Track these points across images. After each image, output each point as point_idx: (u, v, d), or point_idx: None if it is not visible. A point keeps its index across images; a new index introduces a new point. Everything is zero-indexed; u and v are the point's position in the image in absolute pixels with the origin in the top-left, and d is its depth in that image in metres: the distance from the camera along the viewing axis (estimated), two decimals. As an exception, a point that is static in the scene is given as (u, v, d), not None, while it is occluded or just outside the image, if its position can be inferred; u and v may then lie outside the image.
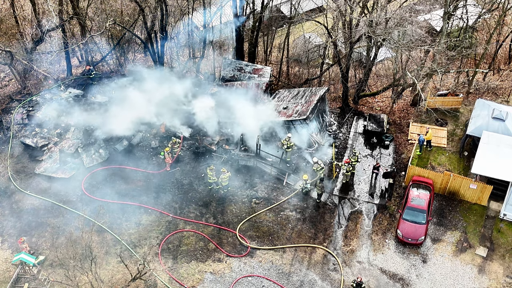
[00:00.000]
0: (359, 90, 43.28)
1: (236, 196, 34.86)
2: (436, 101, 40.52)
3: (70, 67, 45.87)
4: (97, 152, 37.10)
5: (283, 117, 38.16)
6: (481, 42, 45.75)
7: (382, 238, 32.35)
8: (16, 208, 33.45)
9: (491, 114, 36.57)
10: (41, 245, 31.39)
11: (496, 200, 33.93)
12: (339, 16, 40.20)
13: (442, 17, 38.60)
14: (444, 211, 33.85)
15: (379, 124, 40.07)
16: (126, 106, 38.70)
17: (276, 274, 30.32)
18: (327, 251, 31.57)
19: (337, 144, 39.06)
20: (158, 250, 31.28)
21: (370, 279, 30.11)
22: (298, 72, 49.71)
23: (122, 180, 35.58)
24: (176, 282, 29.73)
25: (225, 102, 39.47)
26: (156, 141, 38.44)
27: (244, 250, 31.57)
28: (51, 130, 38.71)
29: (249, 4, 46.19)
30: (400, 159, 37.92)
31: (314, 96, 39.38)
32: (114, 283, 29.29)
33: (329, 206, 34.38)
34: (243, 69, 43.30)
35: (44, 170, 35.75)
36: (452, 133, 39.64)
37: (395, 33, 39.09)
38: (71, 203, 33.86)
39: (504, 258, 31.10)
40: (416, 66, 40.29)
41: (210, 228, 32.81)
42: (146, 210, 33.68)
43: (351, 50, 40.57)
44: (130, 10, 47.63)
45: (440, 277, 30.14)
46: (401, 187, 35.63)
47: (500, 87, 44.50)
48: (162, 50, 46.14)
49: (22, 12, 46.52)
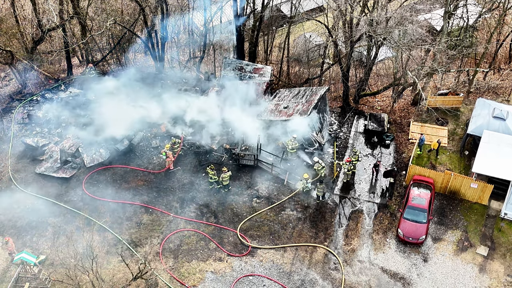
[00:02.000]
0: (360, 90, 43.29)
1: (237, 195, 34.86)
2: (437, 101, 40.53)
3: (70, 67, 45.88)
4: (98, 151, 37.10)
5: (284, 117, 38.15)
6: (481, 42, 45.77)
7: (383, 237, 32.35)
8: (16, 207, 33.43)
9: (491, 113, 36.58)
10: (42, 244, 31.37)
11: (497, 199, 33.93)
12: (339, 16, 40.20)
13: (443, 16, 38.62)
14: (445, 210, 33.85)
15: (380, 123, 40.07)
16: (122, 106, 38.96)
17: (277, 273, 30.32)
18: (328, 250, 31.56)
19: (338, 144, 39.05)
20: (159, 249, 31.27)
21: (371, 278, 30.10)
22: (298, 72, 49.74)
23: (123, 180, 35.58)
24: (177, 282, 29.73)
25: (225, 101, 39.49)
26: (157, 141, 38.45)
27: (245, 250, 31.57)
28: (52, 130, 38.73)
29: (250, 4, 46.20)
30: (400, 158, 37.92)
31: (314, 95, 39.38)
32: (115, 283, 29.27)
33: (330, 205, 34.37)
34: (243, 69, 43.30)
35: (44, 170, 35.75)
36: (453, 132, 39.64)
37: (396, 32, 39.09)
38: (71, 203, 33.86)
39: (505, 257, 31.10)
40: (416, 65, 40.29)
41: (211, 228, 32.80)
42: (147, 209, 33.69)
43: (351, 49, 40.56)
44: (131, 10, 47.66)
45: (441, 276, 30.13)
46: (402, 186, 35.62)
47: (501, 86, 44.53)
48: (162, 50, 46.18)
49: (23, 12, 46.53)
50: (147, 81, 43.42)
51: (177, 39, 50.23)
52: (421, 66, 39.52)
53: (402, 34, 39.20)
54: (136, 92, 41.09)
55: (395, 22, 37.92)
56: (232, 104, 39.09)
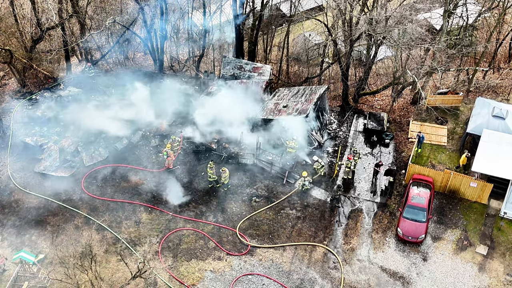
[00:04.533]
0: (359, 89, 43.25)
1: (236, 194, 34.81)
2: (436, 100, 40.51)
3: (69, 66, 45.81)
4: (97, 150, 37.04)
5: (284, 115, 38.10)
6: (481, 41, 45.77)
7: (382, 236, 32.31)
8: (15, 206, 33.39)
9: (491, 113, 36.56)
10: (41, 243, 31.33)
11: (497, 198, 33.90)
12: (339, 14, 40.17)
13: (442, 15, 38.60)
14: (444, 209, 33.82)
15: (379, 122, 40.04)
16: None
17: (276, 272, 30.28)
18: (327, 249, 31.53)
19: (337, 143, 39.01)
20: (158, 248, 31.23)
21: (371, 277, 30.06)
22: (298, 71, 49.71)
23: (122, 178, 35.53)
24: (176, 281, 29.69)
25: (224, 100, 39.43)
26: (156, 140, 38.40)
27: (244, 249, 31.53)
28: (51, 129, 38.66)
29: (249, 3, 46.16)
30: (400, 157, 37.89)
31: (314, 94, 39.33)
32: (114, 281, 29.23)
33: (329, 204, 34.34)
34: (243, 68, 43.25)
35: (44, 169, 35.69)
36: (452, 131, 39.62)
37: (395, 31, 39.06)
38: (70, 202, 33.81)
39: (504, 256, 31.07)
40: (416, 64, 40.28)
41: (210, 227, 32.76)
42: (146, 208, 33.64)
43: (351, 48, 40.52)
44: (130, 9, 47.60)
45: (440, 275, 30.09)
46: (401, 185, 35.58)
47: (500, 85, 44.51)
48: (162, 49, 46.11)
49: (22, 11, 46.44)
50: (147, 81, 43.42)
51: (177, 38, 50.17)
52: (420, 65, 39.50)
53: (401, 33, 39.16)
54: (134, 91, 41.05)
55: (395, 21, 37.90)
56: (231, 103, 39.01)
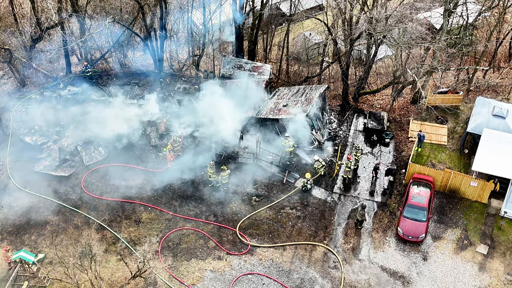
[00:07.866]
0: (359, 88, 43.21)
1: (236, 194, 34.77)
2: (436, 99, 40.48)
3: (69, 65, 45.76)
4: (97, 150, 36.99)
5: (283, 115, 38.07)
6: (481, 40, 45.75)
7: (382, 235, 32.28)
8: (15, 206, 33.32)
9: (491, 112, 36.53)
10: (41, 243, 31.28)
11: (497, 197, 33.88)
12: (339, 14, 40.13)
13: (443, 14, 38.56)
14: (444, 208, 33.79)
15: (379, 121, 40.01)
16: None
17: (276, 272, 30.25)
18: (327, 249, 31.50)
19: (337, 142, 38.97)
20: (158, 248, 31.19)
21: (371, 277, 30.04)
22: (298, 70, 49.68)
23: (122, 178, 35.48)
24: (176, 280, 29.65)
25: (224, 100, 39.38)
26: (156, 139, 38.34)
27: (244, 248, 31.50)
28: (50, 128, 38.59)
29: (249, 2, 46.11)
30: (400, 156, 37.85)
31: (314, 93, 39.28)
32: (114, 281, 29.19)
33: (329, 204, 34.30)
34: (242, 67, 43.19)
35: (43, 168, 35.62)
36: (453, 130, 39.58)
37: (396, 30, 39.03)
38: (70, 201, 33.76)
39: (504, 255, 31.04)
40: (416, 63, 40.25)
41: (210, 226, 32.72)
42: (146, 208, 33.60)
43: (351, 47, 40.49)
44: (130, 8, 47.53)
45: (440, 275, 30.07)
46: (401, 185, 35.55)
47: (500, 84, 44.48)
48: (161, 48, 46.05)
49: (21, 10, 46.40)
50: (146, 80, 43.41)
51: (176, 37, 50.12)
52: (420, 64, 39.48)
53: (401, 32, 39.14)
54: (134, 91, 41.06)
55: (395, 20, 37.85)
56: (231, 103, 38.96)
